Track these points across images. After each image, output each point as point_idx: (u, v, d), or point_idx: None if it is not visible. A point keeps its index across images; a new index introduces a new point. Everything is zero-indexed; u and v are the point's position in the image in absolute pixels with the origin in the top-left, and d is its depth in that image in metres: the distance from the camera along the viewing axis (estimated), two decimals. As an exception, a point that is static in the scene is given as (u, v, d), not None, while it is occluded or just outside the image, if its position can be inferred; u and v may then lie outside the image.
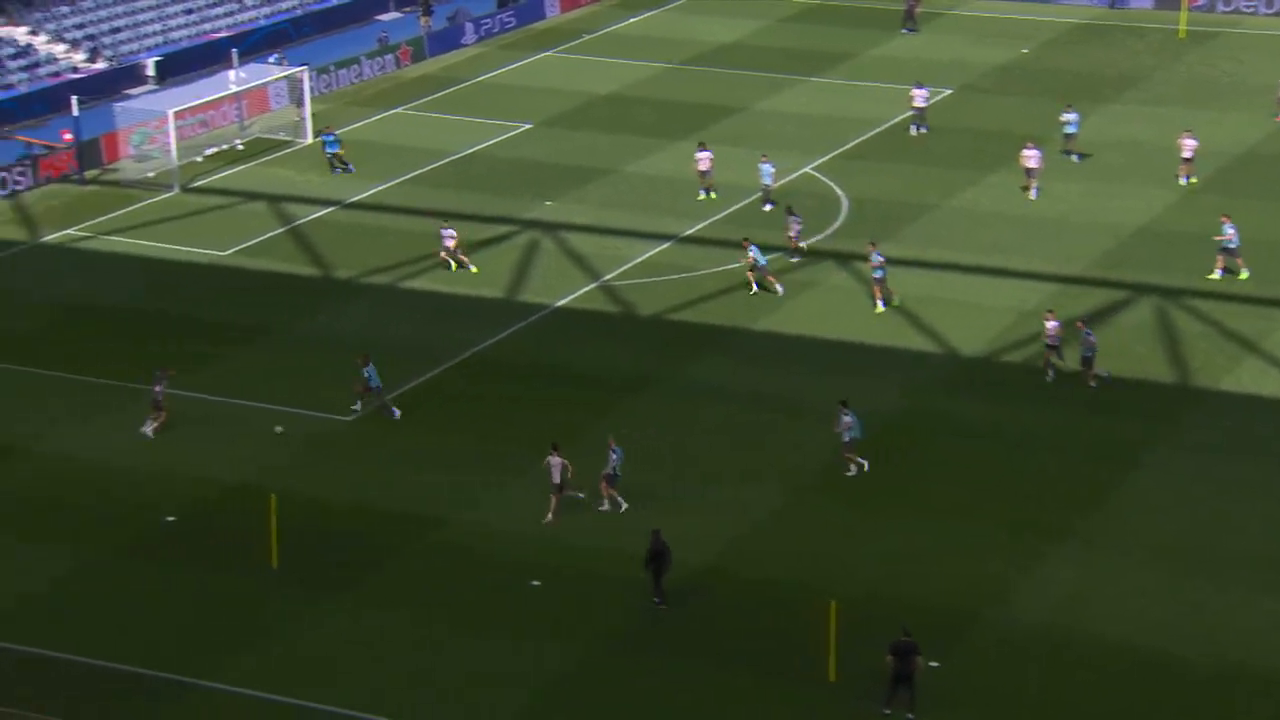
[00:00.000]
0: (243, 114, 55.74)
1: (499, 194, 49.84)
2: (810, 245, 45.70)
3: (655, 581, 29.73)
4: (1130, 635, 28.96)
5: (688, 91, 58.90)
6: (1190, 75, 59.71)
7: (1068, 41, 64.25)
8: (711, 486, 33.83)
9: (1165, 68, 60.57)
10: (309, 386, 37.91)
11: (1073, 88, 58.45)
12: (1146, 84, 58.86)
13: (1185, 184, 48.51)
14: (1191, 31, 64.32)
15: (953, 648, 28.53)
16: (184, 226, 47.65)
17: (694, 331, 40.70)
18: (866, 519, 32.65)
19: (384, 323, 41.39)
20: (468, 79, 60.83)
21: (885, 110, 56.52)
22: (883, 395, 37.33)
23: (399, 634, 29.24)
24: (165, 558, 31.39)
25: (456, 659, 28.60)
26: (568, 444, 35.29)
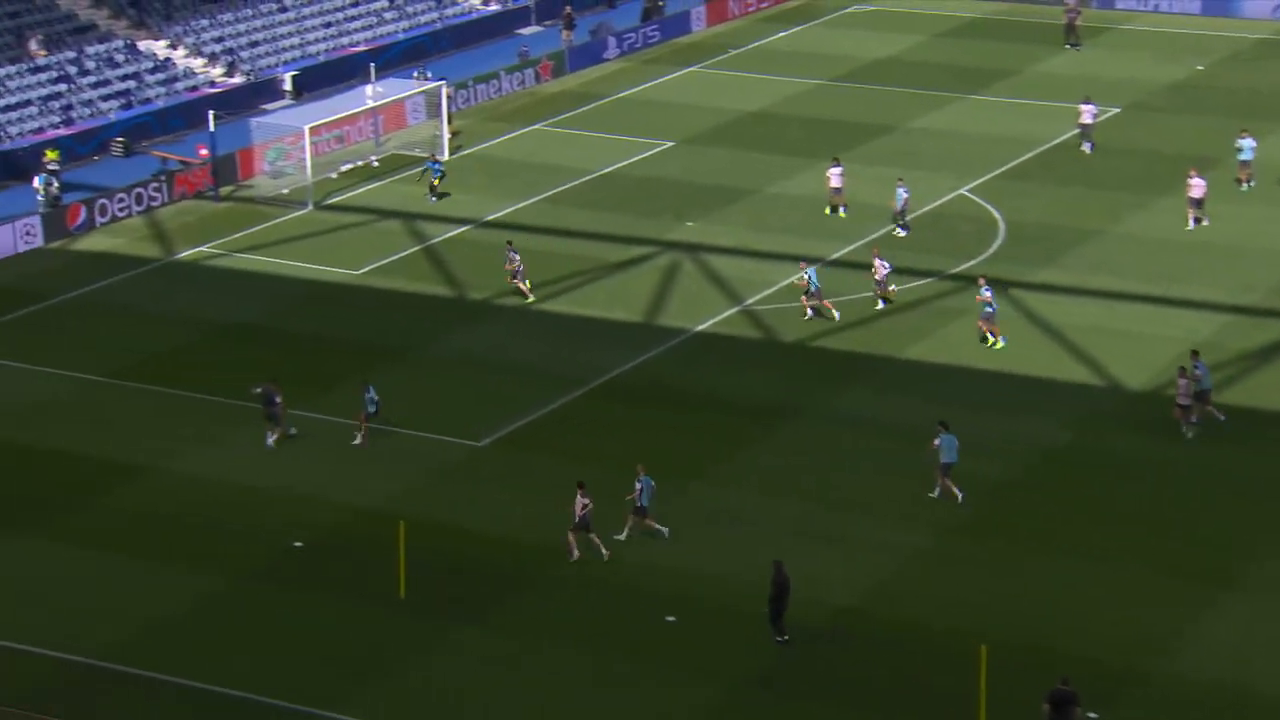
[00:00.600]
0: (379, 130, 56.79)
1: (638, 214, 50.17)
2: (963, 271, 45.33)
3: (775, 617, 29.63)
4: (1305, 692, 28.22)
5: (838, 109, 58.81)
6: (1379, 94, 58.27)
7: (1247, 58, 63.04)
8: (856, 523, 33.65)
9: (1352, 86, 59.14)
10: (442, 409, 38.45)
11: (1251, 107, 57.30)
12: (1331, 103, 57.54)
13: None
14: (1381, 47, 62.77)
15: (1113, 702, 28.03)
16: (317, 244, 48.63)
17: (839, 359, 40.57)
18: (1022, 561, 32.22)
19: (518, 345, 41.84)
20: (609, 95, 61.35)
21: (1047, 129, 55.92)
22: (1041, 430, 36.86)
23: (529, 668, 29.47)
24: (292, 584, 32.00)
25: (586, 696, 28.74)
26: (706, 474, 35.35)
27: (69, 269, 47.06)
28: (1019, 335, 41.50)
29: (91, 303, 44.87)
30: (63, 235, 49.07)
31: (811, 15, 70.95)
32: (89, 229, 49.65)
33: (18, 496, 34.98)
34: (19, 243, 47.99)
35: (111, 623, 30.75)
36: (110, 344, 42.17)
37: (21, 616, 30.91)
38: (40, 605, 31.28)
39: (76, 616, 30.96)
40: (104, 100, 57.41)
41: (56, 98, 56.64)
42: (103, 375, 40.39)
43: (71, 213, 49.48)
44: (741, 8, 71.46)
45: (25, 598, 31.50)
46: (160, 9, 62.77)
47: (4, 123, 54.68)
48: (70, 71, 57.75)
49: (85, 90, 57.39)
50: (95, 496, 34.93)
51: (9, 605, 31.27)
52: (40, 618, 30.88)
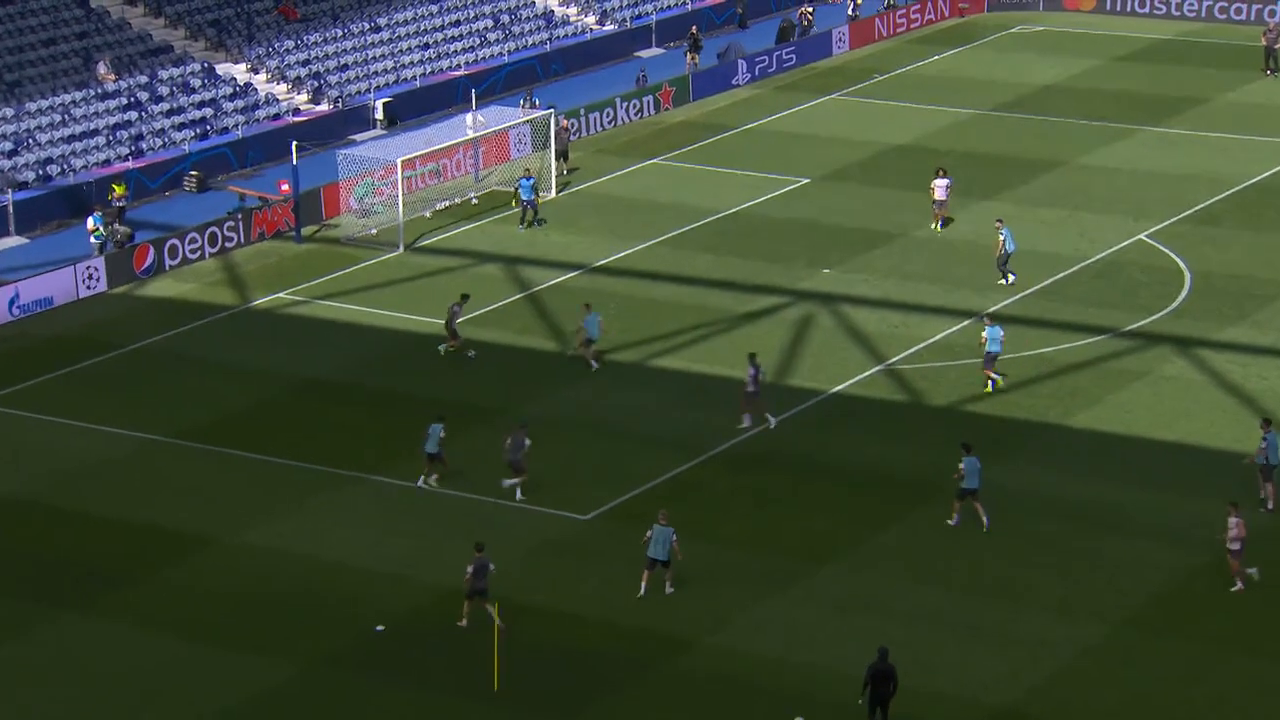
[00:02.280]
0: (479, 163, 57.45)
1: (769, 259, 50.31)
2: (1142, 328, 44.90)
3: (870, 709, 29.43)
4: None
5: (999, 142, 58.66)
6: None
7: None
8: (1015, 615, 33.33)
9: None
10: (544, 478, 38.69)
11: None
12: None
13: None
14: None
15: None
16: (408, 291, 49.27)
17: (995, 427, 40.32)
18: (1202, 662, 31.72)
19: (630, 406, 42.03)
20: (737, 125, 61.69)
21: (1242, 167, 55.35)
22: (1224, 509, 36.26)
23: (634, 773, 29.47)
24: (371, 673, 32.28)
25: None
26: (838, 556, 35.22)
27: (134, 316, 48.11)
28: (1207, 402, 40.96)
29: (158, 354, 45.83)
30: (129, 279, 50.21)
31: (969, 37, 70.92)
32: (157, 272, 50.75)
33: (68, 568, 35.69)
34: (80, 287, 49.19)
35: (165, 715, 31.18)
36: (177, 400, 43.01)
37: (63, 705, 31.41)
38: (85, 692, 31.77)
39: (125, 706, 31.42)
40: (177, 130, 58.79)
41: (126, 126, 58.10)
42: (167, 435, 41.18)
43: (139, 254, 50.63)
44: (890, 28, 71.63)
45: (67, 682, 32.00)
46: (242, 29, 64.22)
47: (68, 154, 56.17)
48: (141, 98, 59.24)
49: (157, 119, 58.82)
50: (152, 570, 35.55)
51: (49, 691, 31.79)
52: (85, 707, 31.37)
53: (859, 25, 70.91)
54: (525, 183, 52.99)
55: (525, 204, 52.93)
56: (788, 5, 74.12)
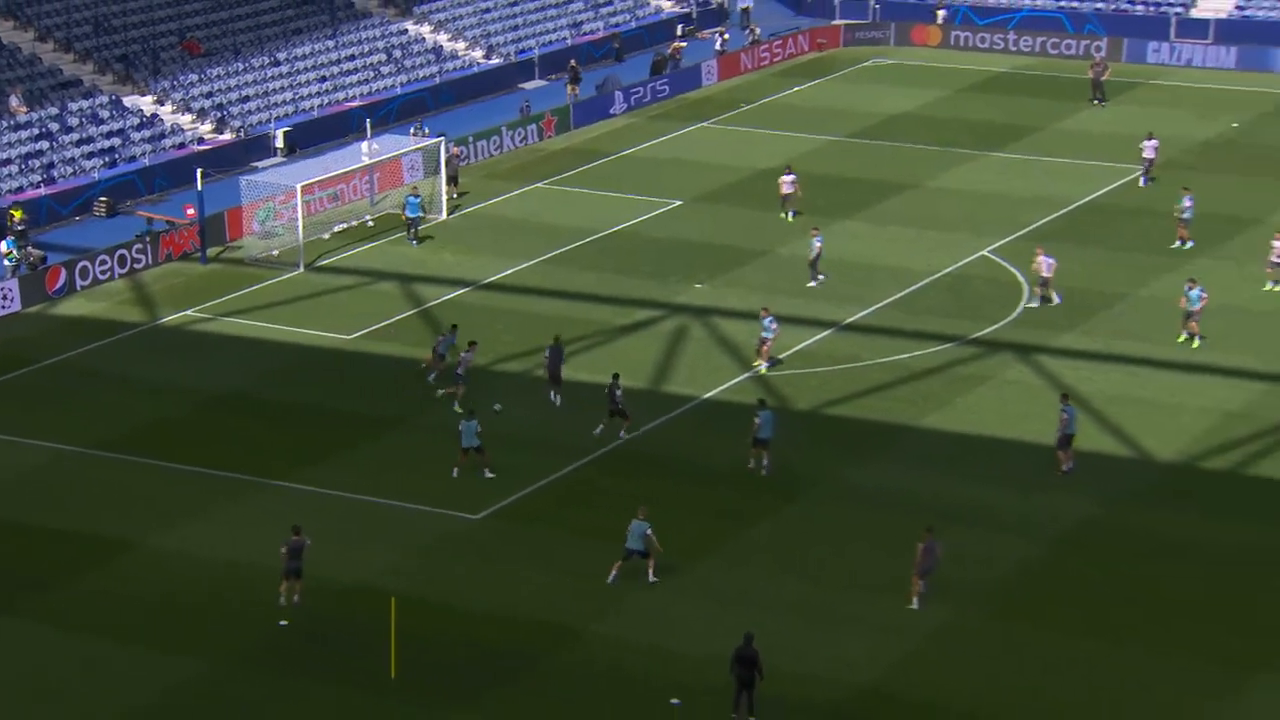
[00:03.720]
0: (374, 188, 57.10)
1: (645, 276, 50.38)
2: (986, 335, 45.45)
3: (737, 692, 29.54)
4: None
5: (854, 166, 59.15)
6: None
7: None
8: (875, 602, 33.58)
9: (1393, 143, 59.38)
10: (436, 481, 38.49)
11: (1287, 164, 57.59)
12: (1371, 161, 57.76)
13: None
14: None
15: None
16: (308, 308, 48.82)
17: (855, 429, 40.61)
18: (1046, 643, 32.12)
19: (517, 413, 41.89)
20: (615, 152, 61.75)
21: (1072, 189, 56.19)
22: (1067, 505, 36.81)
23: (524, 755, 29.35)
24: (277, 666, 31.94)
25: (586, 785, 28.61)
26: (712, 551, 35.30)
27: (47, 334, 47.28)
28: (1045, 403, 41.52)
29: (71, 370, 45.05)
30: (41, 299, 49.32)
31: (827, 69, 71.50)
32: (69, 292, 49.90)
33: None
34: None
35: (85, 711, 30.65)
36: (90, 413, 42.31)
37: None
38: (6, 691, 31.16)
39: (46, 704, 30.84)
40: (87, 158, 57.85)
41: (38, 155, 57.08)
42: (82, 446, 40.49)
43: (51, 275, 49.74)
44: (754, 61, 72.03)
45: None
46: (148, 64, 63.34)
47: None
48: (52, 129, 58.23)
49: (68, 148, 57.84)
50: (70, 575, 34.92)
51: (-22, 688, 31.22)
52: (5, 706, 30.78)
53: (726, 59, 71.23)
54: (411, 200, 52.83)
55: (410, 221, 52.68)
56: (661, 40, 74.32)
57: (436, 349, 43.33)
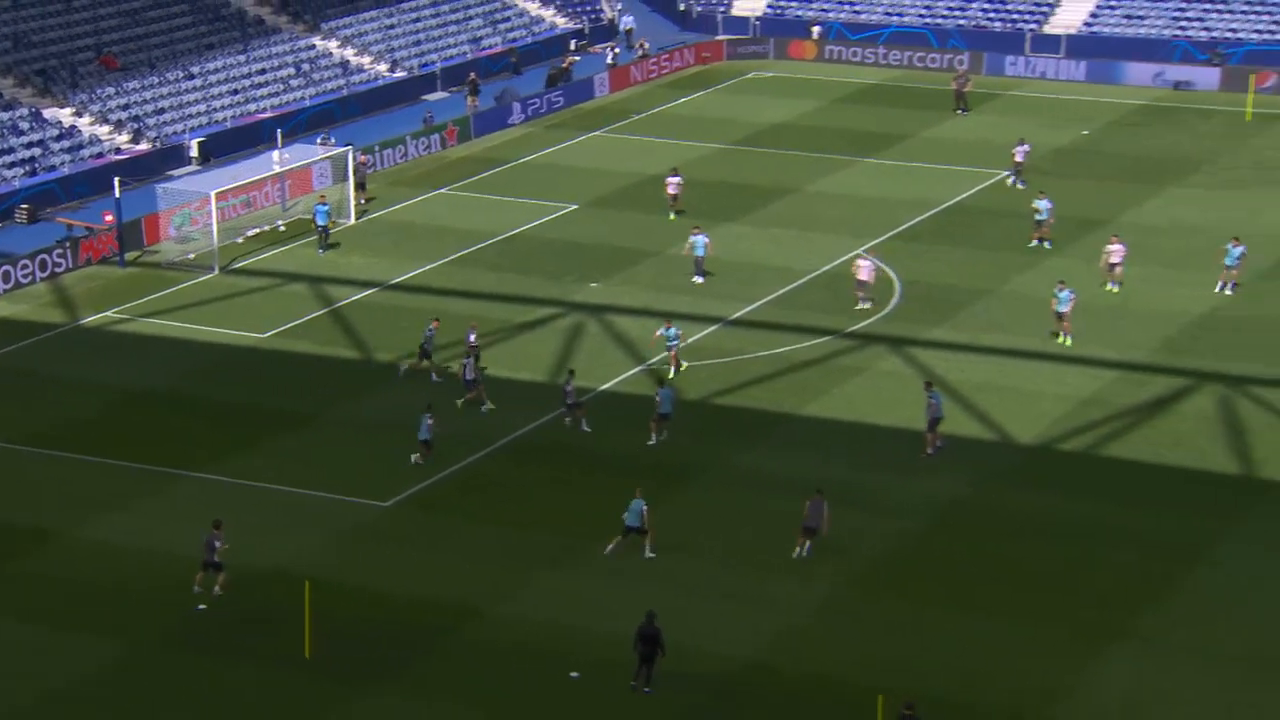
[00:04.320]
0: (286, 194, 56.58)
1: (544, 276, 50.29)
2: (861, 330, 45.84)
3: (638, 665, 29.67)
4: (1192, 738, 28.62)
5: (737, 172, 59.39)
6: (1257, 159, 59.69)
7: (1130, 124, 64.44)
8: (757, 579, 33.77)
9: (1230, 151, 60.60)
10: (348, 471, 38.21)
11: (1134, 171, 58.58)
12: (1210, 167, 58.90)
13: (1229, 292, 47.58)
14: (1258, 114, 64.39)
15: (1006, 749, 28.28)
16: (223, 309, 48.26)
17: (741, 417, 40.80)
18: (916, 617, 32.46)
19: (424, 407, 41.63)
20: (513, 159, 61.56)
21: (940, 192, 56.80)
22: (937, 486, 37.23)
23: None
24: (196, 648, 31.56)
25: (492, 755, 28.54)
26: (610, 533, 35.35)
27: (-28, 335, 46.36)
28: (917, 393, 41.92)
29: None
30: (-34, 301, 48.36)
31: (711, 81, 71.71)
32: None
33: (-82, 565, 34.27)
34: (-78, 309, 47.21)
35: (7, 693, 30.11)
36: (15, 410, 41.52)
37: (-79, 686, 30.21)
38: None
39: (-23, 685, 30.30)
40: (8, 168, 56.74)
41: (-39, 164, 55.95)
42: (6, 441, 39.73)
43: (-25, 279, 48.79)
44: (644, 74, 72.10)
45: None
46: (66, 77, 62.24)
47: (-93, 189, 53.86)
48: (-25, 138, 57.10)
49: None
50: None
51: (-92, 675, 30.54)
52: (-60, 687, 30.20)
53: (617, 72, 71.24)
54: (320, 208, 52.23)
55: (320, 229, 52.06)
56: (556, 55, 74.18)
57: (424, 346, 42.78)
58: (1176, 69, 69.08)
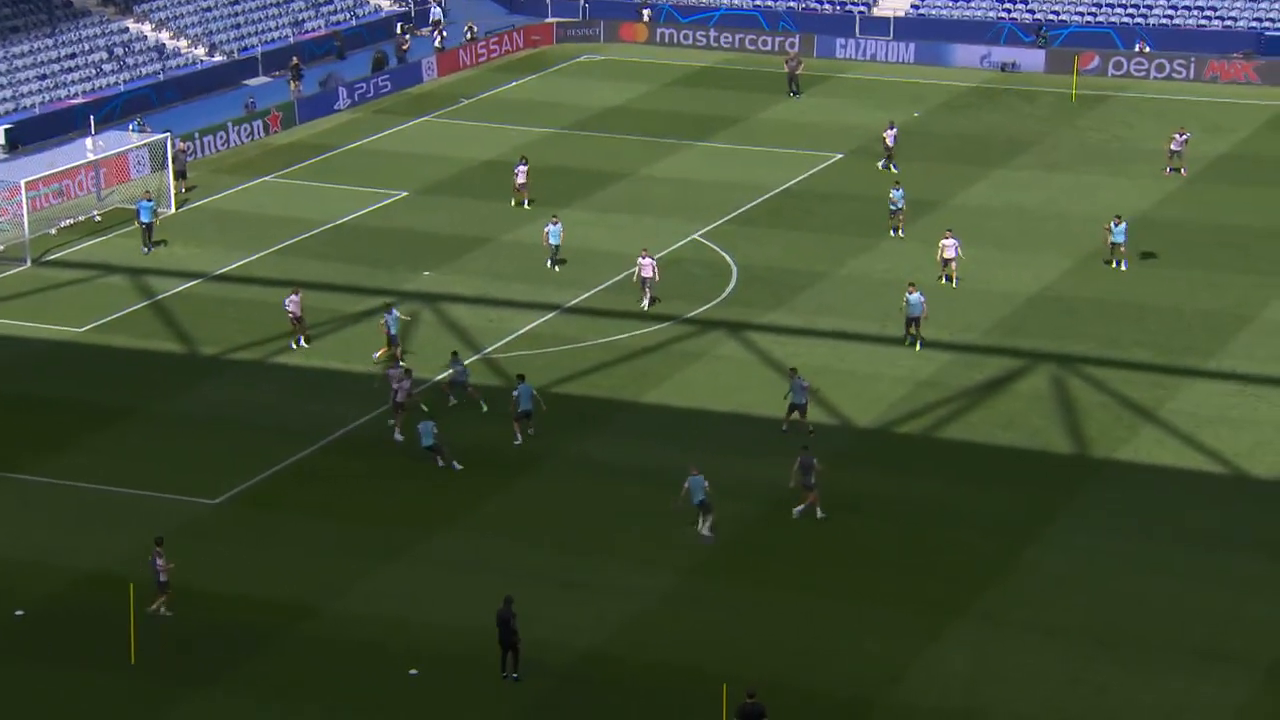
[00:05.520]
0: (101, 184, 55.15)
1: (374, 265, 49.70)
2: (700, 315, 46.07)
3: (502, 654, 29.67)
4: (1031, 717, 29.21)
5: (570, 157, 59.29)
6: (1082, 140, 61.24)
7: (959, 105, 65.66)
8: (600, 567, 33.76)
9: (1056, 132, 62.08)
10: (174, 468, 37.37)
11: (963, 152, 59.71)
12: (1038, 148, 60.28)
13: (1123, 268, 48.51)
14: (1083, 95, 66.06)
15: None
16: (36, 302, 46.92)
17: (580, 405, 40.76)
18: (760, 601, 32.73)
19: (252, 400, 40.97)
20: (340, 145, 60.75)
21: (773, 175, 57.30)
22: (777, 469, 37.53)
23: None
24: (14, 655, 30.63)
25: (331, 756, 28.16)
26: (447, 524, 35.06)
27: None
28: (756, 377, 42.28)
29: None
30: None
31: (541, 65, 71.49)
32: None
33: None
34: None
35: None
36: None
37: None
38: None
39: None
40: None
41: None
42: None
43: None
44: (472, 58, 71.62)
45: None
46: None
47: None
48: None
49: None
50: None
51: None
52: None
53: (446, 55, 70.66)
54: (144, 205, 50.73)
55: (144, 225, 50.57)
56: (380, 39, 73.31)
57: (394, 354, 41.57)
58: (1003, 50, 70.58)
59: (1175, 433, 39.39)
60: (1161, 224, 52.36)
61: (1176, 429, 39.54)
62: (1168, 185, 56.15)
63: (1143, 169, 57.59)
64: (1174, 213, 53.66)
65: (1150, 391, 41.40)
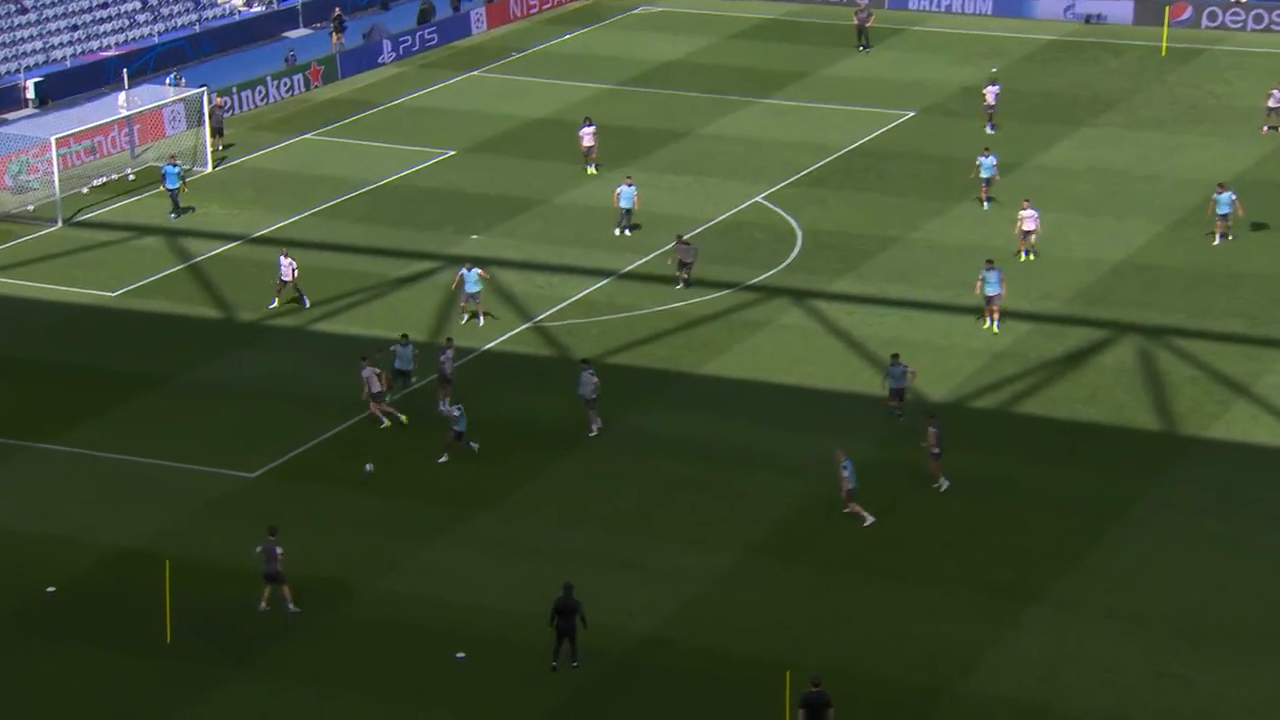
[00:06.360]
0: (135, 140, 55.59)
1: (419, 228, 49.90)
2: (762, 282, 46.01)
3: (558, 641, 29.70)
4: (1109, 711, 29.13)
5: (627, 114, 59.25)
6: (1172, 96, 60.65)
7: (1040, 60, 65.16)
8: (654, 550, 33.85)
9: (1145, 88, 61.51)
10: (210, 440, 37.72)
11: (1044, 109, 59.26)
12: (1125, 106, 59.75)
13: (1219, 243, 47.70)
14: (1173, 49, 65.38)
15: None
16: (68, 265, 47.41)
17: (635, 377, 40.82)
18: (823, 583, 32.74)
19: (292, 369, 41.27)
20: (384, 102, 60.95)
21: (842, 134, 57.07)
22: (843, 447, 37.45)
23: (308, 714, 29.01)
24: (45, 634, 31.05)
25: (372, 742, 28.44)
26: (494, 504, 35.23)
27: None
28: (821, 348, 42.21)
29: None
30: None
31: (598, 16, 71.43)
32: None
33: None
34: None
35: None
36: None
37: None
38: None
39: None
40: None
41: None
42: None
43: None
44: (524, 9, 71.65)
45: None
46: (-113, 11, 60.61)
47: None
48: None
49: None
50: None
51: None
52: None
53: (495, 7, 70.72)
54: (170, 170, 50.51)
55: (170, 192, 50.62)
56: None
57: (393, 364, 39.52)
58: (1089, 1, 69.91)
59: (1270, 409, 39.06)
60: (1258, 186, 51.81)
61: (1272, 405, 39.20)
62: (1265, 145, 55.56)
63: (1238, 128, 56.98)
64: (1272, 174, 53.08)
65: (1243, 365, 41.05)
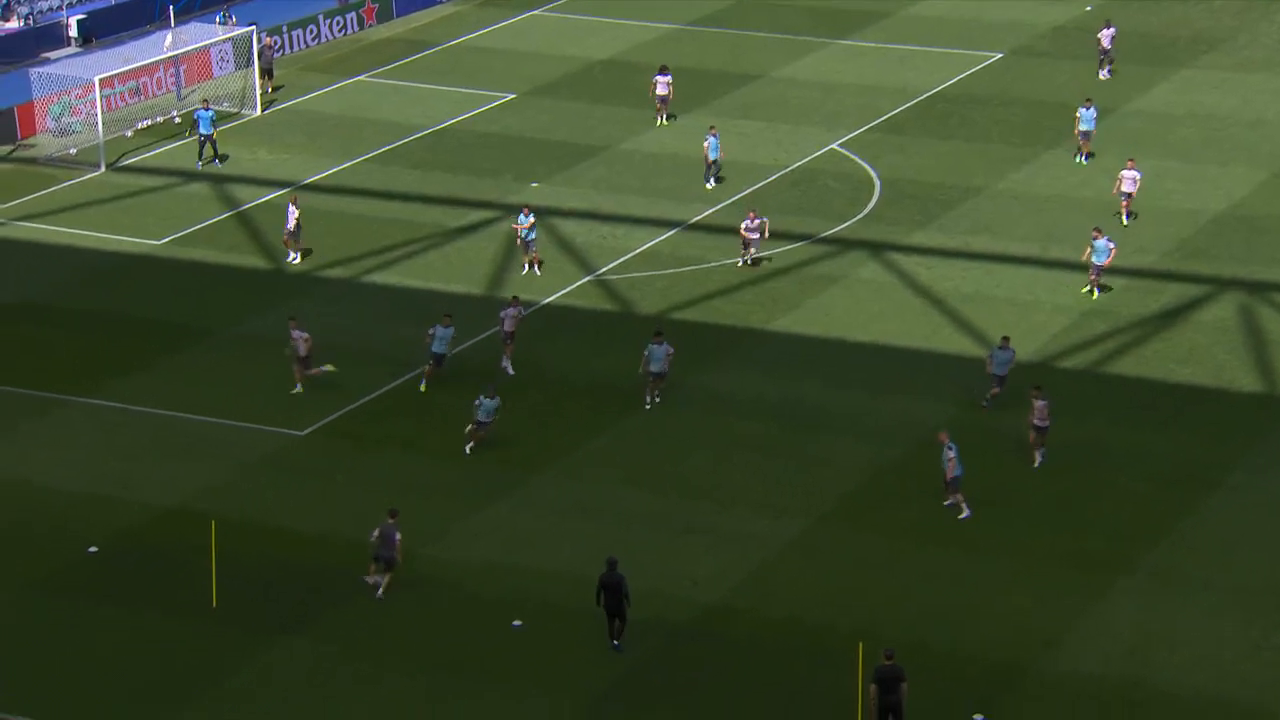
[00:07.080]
0: (181, 82, 55.88)
1: (477, 174, 49.95)
2: (837, 233, 45.77)
3: (609, 620, 29.69)
4: (1204, 687, 28.92)
5: (697, 56, 59.02)
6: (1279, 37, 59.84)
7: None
8: (723, 515, 33.83)
9: (1250, 28, 60.65)
10: (257, 396, 37.96)
11: (1141, 50, 58.56)
12: (1229, 46, 58.97)
13: None
14: (1280, -13, 64.47)
15: (999, 700, 28.52)
16: (111, 211, 47.76)
17: (702, 333, 40.75)
18: (902, 552, 32.63)
19: (343, 322, 41.44)
20: (441, 42, 60.98)
21: (924, 78, 56.64)
22: (920, 407, 37.32)
23: (358, 683, 29.21)
24: (87, 594, 31.39)
25: (422, 713, 28.57)
26: (554, 464, 35.28)
27: None
28: (899, 303, 41.96)
29: None
30: None
31: (666, -48, 71.04)
32: None
33: None
34: None
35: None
36: (-128, 328, 41.08)
37: None
38: None
39: None
40: None
41: None
42: None
43: None
44: (588, -56, 71.30)
45: None
46: (-75, -55, 61.05)
47: None
48: None
49: None
50: None
51: None
52: None
53: (558, -58, 70.47)
54: (203, 115, 50.36)
55: (203, 138, 50.42)
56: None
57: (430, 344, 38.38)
58: (1190, -62, 68.88)
59: (1378, 372, 38.59)
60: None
61: (1380, 368, 38.72)
62: (1377, 91, 54.75)
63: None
64: (1383, 122, 52.31)
65: (1351, 325, 40.56)
